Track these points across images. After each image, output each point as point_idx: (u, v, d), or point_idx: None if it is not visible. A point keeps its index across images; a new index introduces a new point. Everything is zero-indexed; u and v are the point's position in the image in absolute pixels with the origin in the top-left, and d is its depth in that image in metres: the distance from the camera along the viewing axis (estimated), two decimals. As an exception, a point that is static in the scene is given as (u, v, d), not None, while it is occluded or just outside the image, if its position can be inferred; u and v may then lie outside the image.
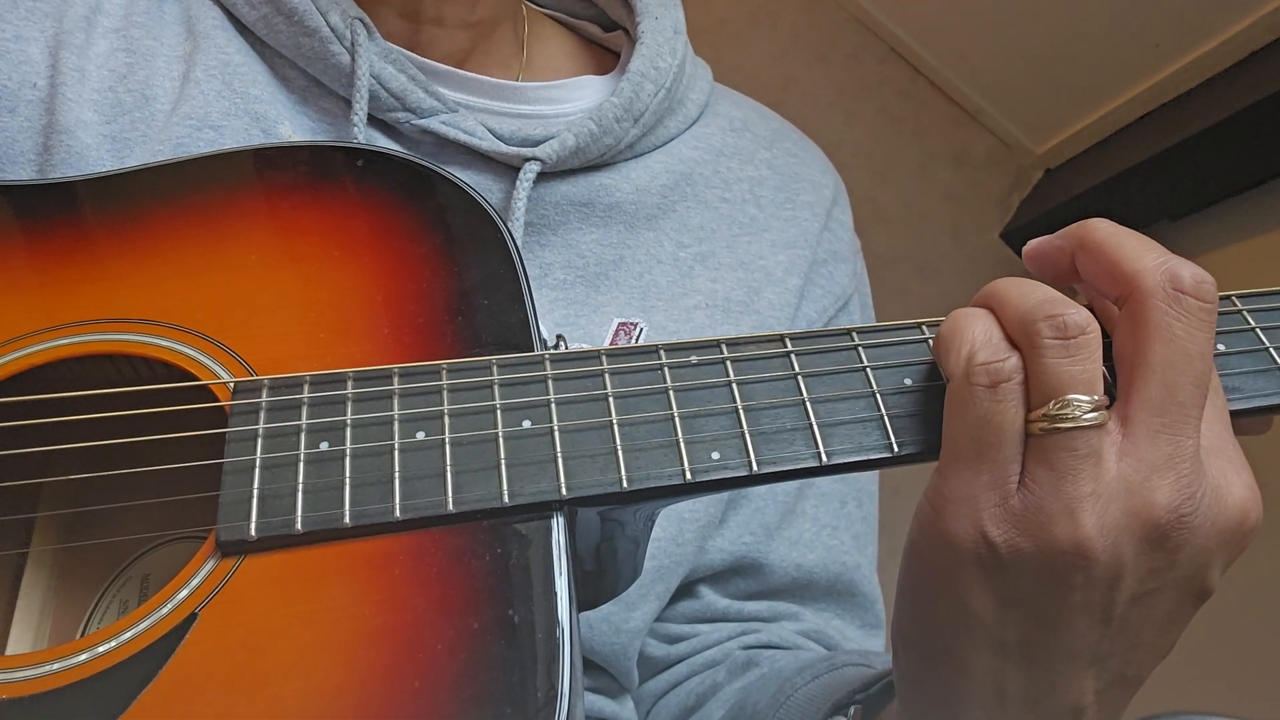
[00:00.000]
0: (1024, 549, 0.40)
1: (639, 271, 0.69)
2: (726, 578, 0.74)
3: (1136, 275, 0.41)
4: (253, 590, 0.42)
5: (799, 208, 0.77)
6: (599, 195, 0.69)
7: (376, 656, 0.40)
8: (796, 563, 0.74)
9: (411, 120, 0.65)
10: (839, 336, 0.48)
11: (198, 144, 0.62)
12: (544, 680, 0.39)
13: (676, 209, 0.72)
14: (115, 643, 0.41)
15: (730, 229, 0.73)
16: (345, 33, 0.64)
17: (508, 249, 0.52)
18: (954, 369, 0.42)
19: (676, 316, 0.69)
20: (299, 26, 0.64)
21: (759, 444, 0.45)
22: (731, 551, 0.73)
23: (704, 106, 0.76)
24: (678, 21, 0.74)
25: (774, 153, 0.79)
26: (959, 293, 1.99)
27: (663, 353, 0.47)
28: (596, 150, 0.68)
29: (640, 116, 0.69)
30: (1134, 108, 1.76)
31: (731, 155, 0.76)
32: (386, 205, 0.55)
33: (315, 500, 0.43)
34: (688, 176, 0.73)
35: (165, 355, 0.48)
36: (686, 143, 0.74)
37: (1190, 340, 0.40)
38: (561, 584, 0.42)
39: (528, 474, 0.44)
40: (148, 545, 0.52)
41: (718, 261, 0.72)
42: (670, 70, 0.71)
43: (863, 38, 2.04)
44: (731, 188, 0.75)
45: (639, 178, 0.70)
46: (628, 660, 0.70)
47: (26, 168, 0.60)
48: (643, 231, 0.70)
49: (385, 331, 0.49)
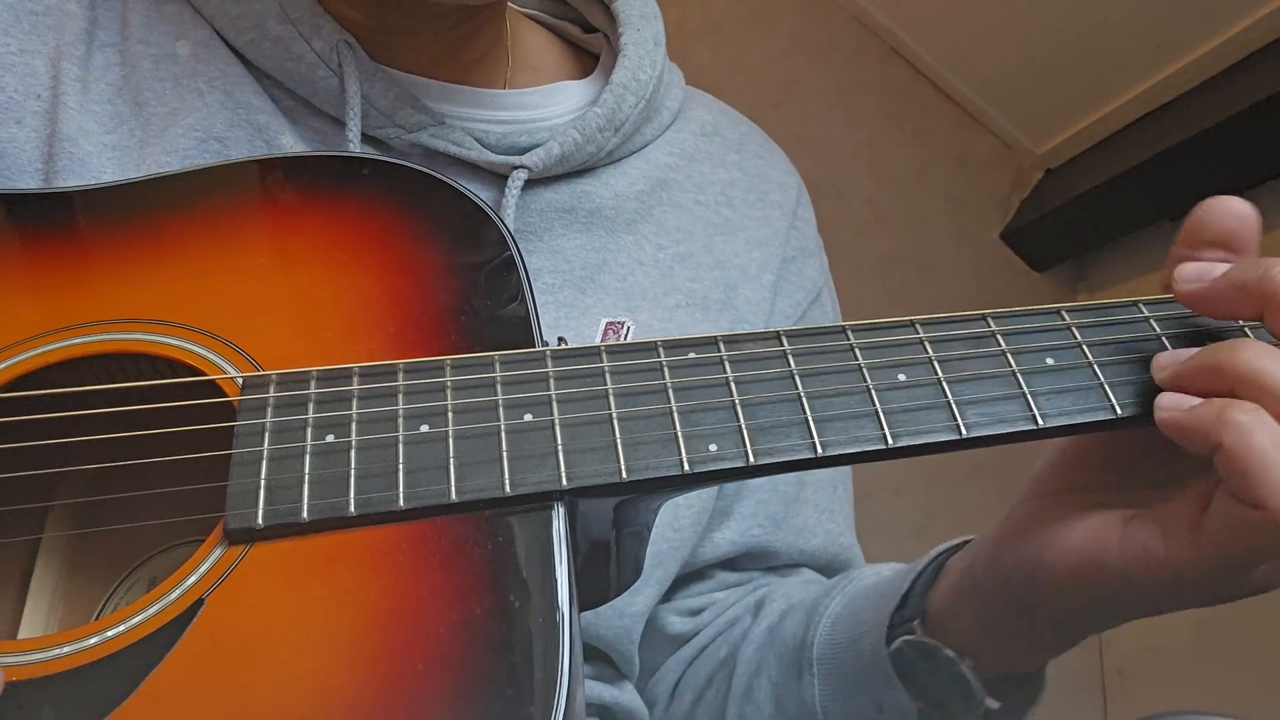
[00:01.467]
0: (1239, 597, 0.47)
1: (622, 274, 0.71)
2: (735, 561, 0.78)
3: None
4: (259, 576, 0.43)
5: (769, 207, 0.80)
6: (581, 201, 0.71)
7: (381, 640, 0.41)
8: (801, 549, 0.77)
9: (401, 135, 0.67)
10: (834, 334, 0.49)
11: (204, 155, 0.63)
12: (544, 663, 0.40)
13: (654, 213, 0.74)
14: (124, 627, 0.42)
15: (706, 230, 0.76)
16: (331, 57, 0.65)
17: (509, 250, 0.53)
18: (1277, 504, 0.42)
19: (661, 315, 0.71)
20: (285, 52, 0.66)
21: (755, 436, 0.46)
22: (740, 543, 0.76)
23: (677, 113, 0.79)
24: (658, 34, 0.77)
25: (743, 155, 0.82)
26: (959, 293, 2.00)
27: (661, 349, 0.48)
28: (580, 158, 0.70)
29: (621, 126, 0.72)
30: (1134, 108, 1.76)
31: (703, 159, 0.79)
32: (391, 209, 0.56)
33: (321, 490, 0.44)
34: (663, 182, 0.76)
35: (175, 353, 0.50)
36: (661, 148, 0.77)
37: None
38: (561, 571, 0.43)
39: (529, 465, 0.45)
40: (155, 549, 0.53)
41: (696, 261, 0.75)
42: (650, 82, 0.74)
43: (863, 38, 2.04)
44: (705, 190, 0.78)
45: (618, 184, 0.73)
46: (630, 644, 0.72)
47: (33, 176, 0.62)
48: (623, 235, 0.72)
49: (390, 330, 0.50)
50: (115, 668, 0.41)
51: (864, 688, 0.63)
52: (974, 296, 1.99)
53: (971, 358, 0.49)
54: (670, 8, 2.10)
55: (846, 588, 0.69)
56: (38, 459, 0.48)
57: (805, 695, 0.66)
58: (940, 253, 2.01)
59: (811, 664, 0.66)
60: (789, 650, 0.69)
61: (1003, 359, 0.49)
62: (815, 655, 0.66)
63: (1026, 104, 1.98)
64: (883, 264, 1.99)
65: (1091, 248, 1.92)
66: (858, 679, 0.63)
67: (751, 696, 0.70)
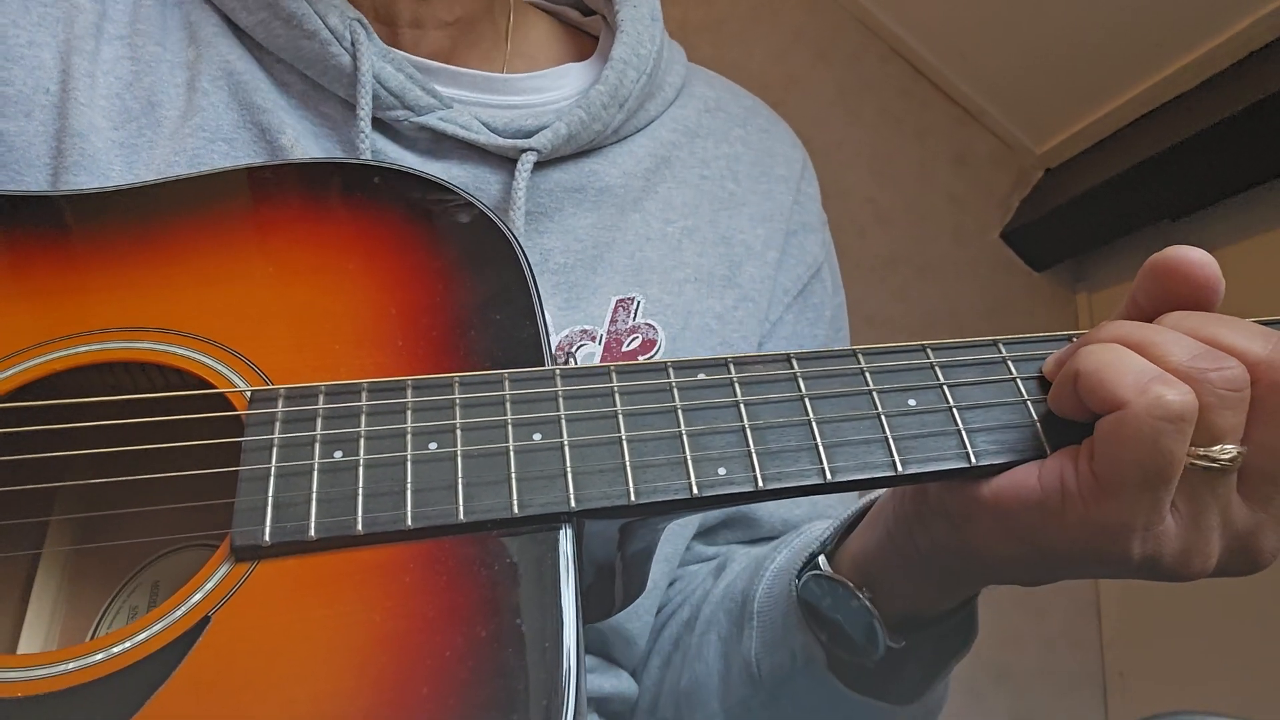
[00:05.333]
0: (1161, 566, 0.46)
1: (631, 250, 0.72)
2: (716, 531, 0.77)
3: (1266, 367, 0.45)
4: (266, 595, 0.43)
5: (773, 181, 0.81)
6: (589, 180, 0.71)
7: (387, 662, 0.40)
8: (784, 518, 0.77)
9: (410, 118, 0.67)
10: (844, 357, 0.49)
11: (211, 156, 0.63)
12: (550, 688, 0.40)
13: (659, 189, 0.75)
14: (130, 644, 0.42)
15: (711, 204, 0.77)
16: (345, 34, 0.65)
17: (520, 265, 0.53)
18: (1131, 396, 0.43)
19: (670, 289, 0.71)
20: (298, 30, 0.65)
21: (765, 461, 0.46)
22: (724, 509, 0.75)
23: (680, 89, 0.79)
24: (654, 8, 0.77)
25: (747, 130, 0.82)
26: (960, 293, 1.99)
27: (671, 370, 0.48)
28: (587, 137, 0.71)
29: (625, 102, 0.72)
30: (1134, 107, 1.76)
31: (707, 135, 0.79)
32: (402, 220, 0.56)
33: (329, 508, 0.44)
34: (667, 158, 0.76)
35: (183, 364, 0.49)
36: (665, 125, 0.77)
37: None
38: (568, 594, 0.42)
39: (537, 486, 0.44)
40: (158, 552, 0.53)
41: (702, 236, 0.75)
42: (651, 56, 0.74)
43: (864, 37, 2.03)
44: (709, 165, 0.78)
45: (624, 161, 0.73)
46: (637, 621, 0.71)
47: (42, 170, 0.61)
48: (631, 213, 0.73)
49: (399, 344, 0.50)
50: (120, 685, 0.41)
51: (784, 635, 0.62)
52: (974, 296, 1.99)
53: (982, 384, 0.49)
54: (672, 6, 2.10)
55: (793, 540, 0.69)
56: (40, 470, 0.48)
57: (745, 650, 0.65)
58: (940, 252, 2.01)
59: (752, 617, 0.65)
60: (736, 606, 0.68)
61: (1014, 386, 0.49)
62: (756, 609, 0.65)
63: (1027, 104, 1.98)
64: (883, 263, 1.98)
65: (1091, 248, 1.92)
66: (782, 627, 0.62)
67: (702, 654, 0.70)
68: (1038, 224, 1.92)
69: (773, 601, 0.64)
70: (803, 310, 0.80)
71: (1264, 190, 1.47)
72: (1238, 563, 0.47)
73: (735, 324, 0.73)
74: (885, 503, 0.57)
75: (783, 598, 0.63)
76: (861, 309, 1.93)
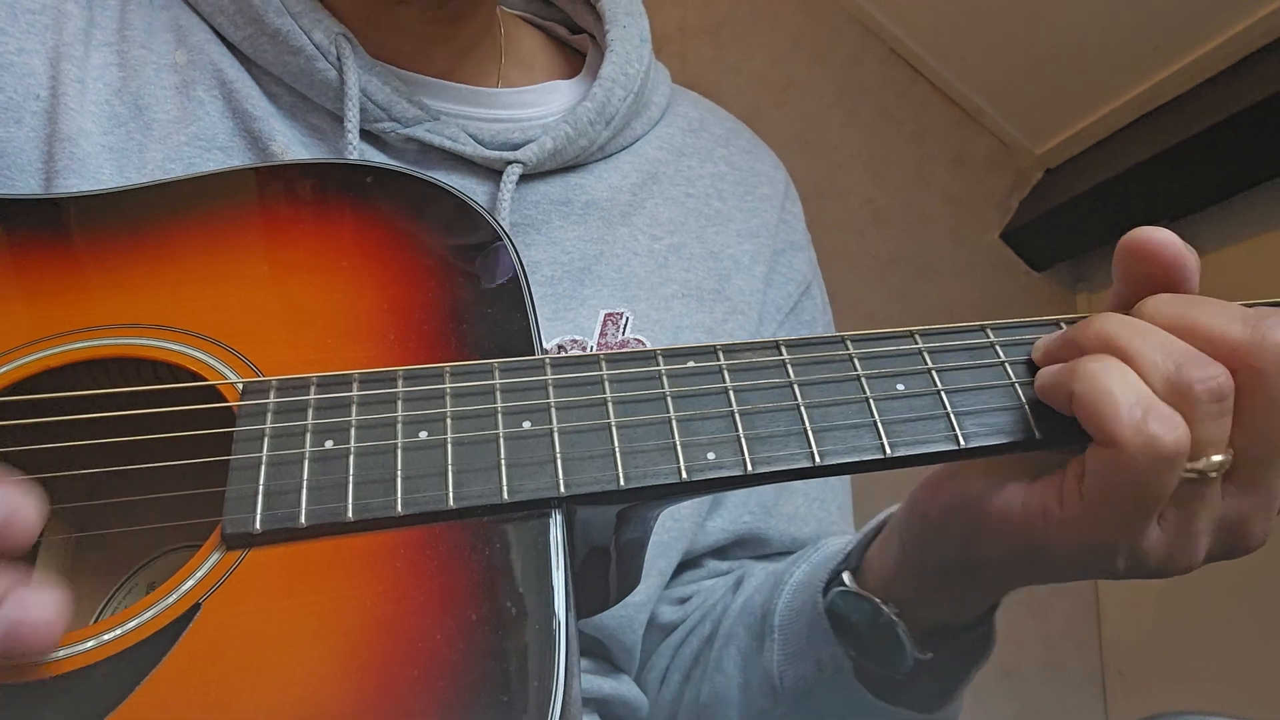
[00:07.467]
0: (1147, 569, 0.47)
1: (618, 265, 0.72)
2: (728, 549, 0.79)
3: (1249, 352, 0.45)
4: (257, 581, 0.43)
5: (758, 200, 0.82)
6: (575, 194, 0.72)
7: (377, 645, 0.41)
8: (793, 536, 0.78)
9: (397, 129, 0.68)
10: (833, 343, 0.49)
11: (207, 164, 0.64)
12: (539, 670, 0.40)
13: (646, 205, 0.76)
14: (121, 630, 0.42)
15: (698, 221, 0.78)
16: (330, 49, 0.66)
17: (510, 259, 0.53)
18: (1127, 435, 0.43)
19: (658, 305, 0.72)
20: (284, 46, 0.66)
21: (754, 445, 0.46)
22: (733, 530, 0.77)
23: (665, 109, 0.81)
24: (643, 30, 0.79)
25: (730, 150, 0.84)
26: (958, 294, 1.99)
27: (660, 358, 0.49)
28: (572, 152, 0.72)
29: (611, 119, 0.74)
30: (1133, 108, 1.76)
31: (691, 154, 0.81)
32: (393, 218, 0.56)
33: (319, 496, 0.44)
34: (653, 175, 0.77)
35: (176, 359, 0.50)
36: (651, 143, 0.78)
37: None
38: (558, 578, 0.43)
39: (527, 473, 0.45)
40: (153, 553, 0.53)
41: (689, 252, 0.76)
42: (638, 75, 0.76)
43: (862, 38, 2.04)
44: (694, 184, 0.79)
45: (611, 177, 0.75)
46: (633, 634, 0.72)
47: (34, 176, 0.62)
48: (618, 227, 0.74)
49: (391, 338, 0.51)
50: (111, 672, 0.41)
51: (810, 647, 0.63)
52: (973, 297, 1.99)
53: (970, 368, 0.49)
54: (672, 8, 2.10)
55: (812, 555, 0.70)
56: (36, 464, 0.48)
57: (765, 662, 0.67)
58: (939, 253, 2.00)
59: (773, 630, 0.66)
60: (755, 620, 0.69)
61: (1001, 370, 0.49)
62: (777, 622, 0.66)
63: (1026, 104, 1.98)
64: (882, 264, 1.98)
65: (1091, 248, 1.92)
66: (806, 639, 0.64)
67: (721, 666, 0.71)
68: (1037, 224, 1.92)
69: (794, 615, 0.65)
70: (795, 328, 0.82)
71: (1263, 191, 1.47)
72: (1227, 549, 0.48)
73: (725, 337, 0.74)
74: (898, 521, 0.58)
75: (806, 611, 0.64)
76: (860, 309, 1.93)
